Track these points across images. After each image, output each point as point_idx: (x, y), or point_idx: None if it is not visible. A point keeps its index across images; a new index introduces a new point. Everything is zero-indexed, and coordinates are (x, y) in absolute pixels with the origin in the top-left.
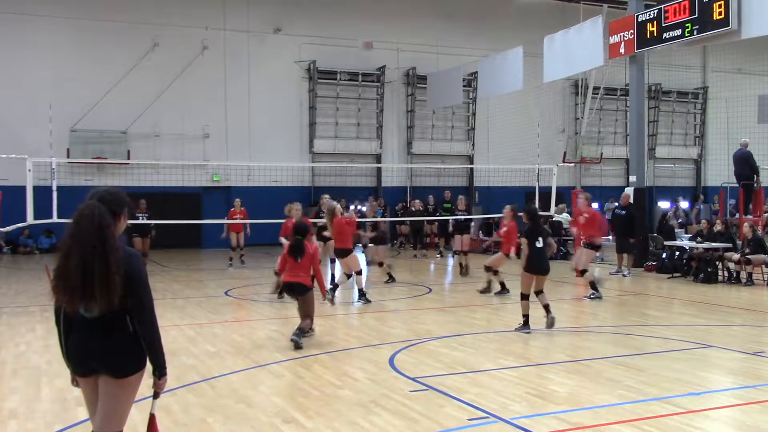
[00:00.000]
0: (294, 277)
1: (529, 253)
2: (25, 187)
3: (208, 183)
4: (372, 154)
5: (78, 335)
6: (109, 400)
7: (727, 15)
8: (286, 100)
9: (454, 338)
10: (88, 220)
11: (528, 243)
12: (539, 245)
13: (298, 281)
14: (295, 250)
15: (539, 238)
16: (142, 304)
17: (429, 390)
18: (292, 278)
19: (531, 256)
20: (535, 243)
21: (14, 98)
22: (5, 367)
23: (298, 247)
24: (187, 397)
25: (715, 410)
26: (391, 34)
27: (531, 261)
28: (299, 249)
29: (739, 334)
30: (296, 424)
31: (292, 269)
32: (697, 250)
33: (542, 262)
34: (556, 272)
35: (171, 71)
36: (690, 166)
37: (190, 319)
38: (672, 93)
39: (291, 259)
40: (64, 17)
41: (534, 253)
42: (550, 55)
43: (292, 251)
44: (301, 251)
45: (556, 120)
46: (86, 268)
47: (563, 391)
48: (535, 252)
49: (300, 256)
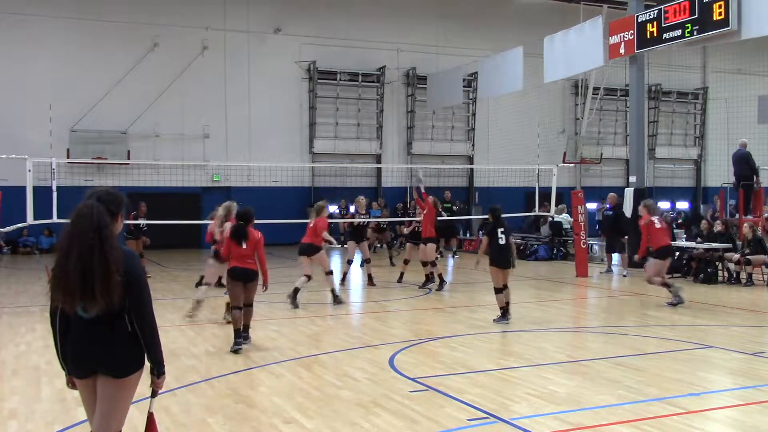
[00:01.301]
0: (241, 263)
1: (493, 250)
2: (25, 187)
3: (208, 183)
4: (372, 154)
5: (76, 337)
6: (109, 400)
7: (727, 15)
8: (286, 101)
9: (454, 338)
10: (86, 219)
11: (489, 240)
12: (502, 242)
13: (244, 267)
14: (237, 233)
15: (501, 235)
16: (142, 304)
17: (429, 390)
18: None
19: (494, 252)
20: (498, 240)
21: (14, 98)
22: (5, 367)
23: (240, 230)
24: (187, 397)
25: (715, 410)
26: (391, 34)
27: (495, 256)
28: (242, 233)
29: (739, 334)
30: (296, 424)
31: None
32: (697, 251)
33: (506, 257)
34: (557, 272)
35: (171, 71)
36: (690, 167)
37: (190, 319)
38: (672, 93)
39: (234, 244)
40: (64, 17)
41: (497, 249)
42: (550, 56)
43: (234, 235)
44: (245, 236)
45: (556, 120)
46: (85, 267)
47: (563, 391)
48: (497, 248)
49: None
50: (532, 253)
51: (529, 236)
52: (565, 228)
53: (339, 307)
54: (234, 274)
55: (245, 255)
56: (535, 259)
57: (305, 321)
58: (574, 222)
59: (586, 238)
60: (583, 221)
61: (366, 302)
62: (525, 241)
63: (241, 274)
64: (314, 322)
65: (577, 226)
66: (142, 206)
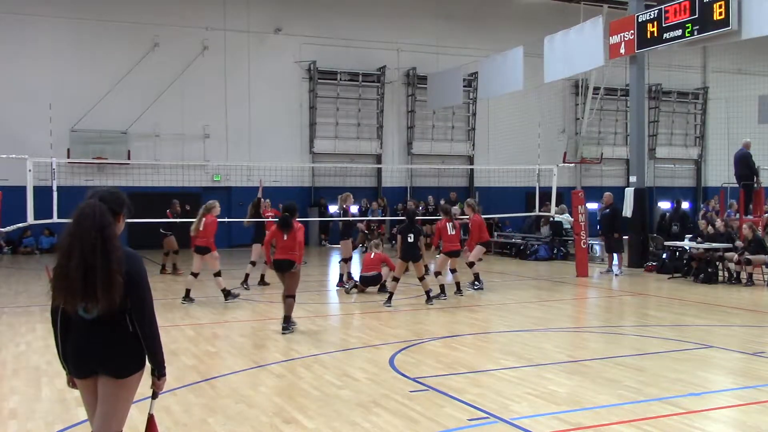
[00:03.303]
0: (283, 255)
1: (404, 246)
2: (26, 187)
3: (209, 183)
4: (372, 154)
5: (77, 337)
6: (110, 400)
7: (728, 15)
8: (286, 101)
9: (454, 338)
10: (89, 219)
11: (402, 238)
12: (411, 240)
13: (287, 258)
14: (283, 224)
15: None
16: (143, 304)
17: (429, 390)
18: (281, 256)
19: (405, 248)
20: (407, 238)
21: (14, 98)
22: (5, 367)
23: (286, 222)
24: (187, 397)
25: (716, 410)
26: (391, 34)
27: (404, 251)
28: (288, 224)
29: (739, 334)
30: (296, 424)
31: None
32: (697, 251)
33: (414, 253)
34: (557, 272)
35: (171, 71)
36: (690, 167)
37: (190, 319)
38: (672, 93)
39: (279, 235)
40: (64, 17)
41: (407, 245)
42: (550, 56)
43: (281, 226)
44: (289, 227)
45: (556, 120)
46: (87, 267)
47: (563, 391)
48: (408, 245)
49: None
50: (532, 253)
51: (530, 236)
52: (565, 228)
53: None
54: (275, 266)
55: (287, 246)
56: (536, 259)
57: (305, 321)
58: (575, 222)
59: (587, 238)
60: (584, 221)
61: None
62: (525, 241)
63: (280, 265)
64: (314, 322)
65: (577, 226)
66: (176, 204)
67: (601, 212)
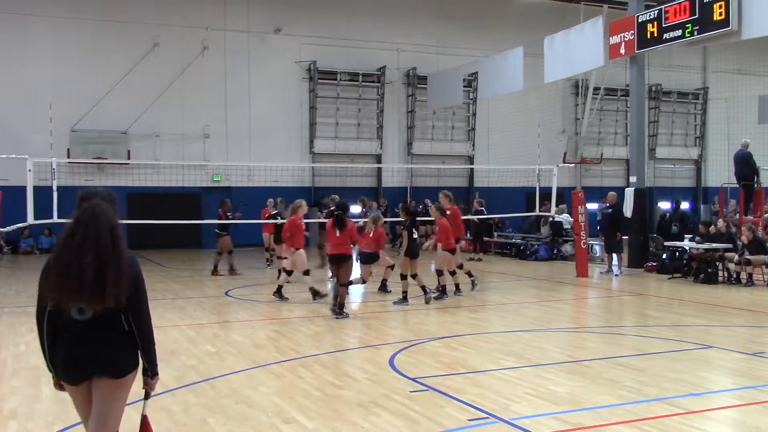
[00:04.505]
0: (338, 250)
1: (409, 243)
2: (26, 187)
3: (209, 183)
4: (372, 154)
5: (70, 341)
6: (106, 401)
7: (728, 15)
8: (286, 101)
9: (454, 338)
10: (101, 219)
11: (408, 235)
12: (415, 236)
13: (341, 252)
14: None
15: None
16: (140, 303)
17: (429, 390)
18: (336, 251)
19: (410, 244)
20: (412, 235)
21: (14, 98)
22: (5, 367)
23: (340, 220)
24: (187, 397)
25: (716, 411)
26: (391, 34)
27: (411, 248)
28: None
29: (740, 334)
30: (296, 424)
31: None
32: (697, 251)
33: (417, 250)
34: (557, 272)
35: (171, 71)
36: (690, 167)
37: (190, 319)
38: (672, 93)
39: (333, 232)
40: (64, 17)
41: (412, 242)
42: (550, 56)
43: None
44: (343, 225)
45: (556, 120)
46: (100, 267)
47: (563, 391)
48: (412, 241)
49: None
50: (532, 253)
51: (530, 236)
52: (565, 228)
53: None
54: (331, 259)
55: (340, 242)
56: (536, 259)
57: (305, 321)
58: (574, 222)
59: (587, 238)
60: (584, 221)
61: (366, 302)
62: (525, 241)
63: (337, 258)
64: (314, 322)
65: (577, 226)
66: (228, 202)
67: (602, 211)
